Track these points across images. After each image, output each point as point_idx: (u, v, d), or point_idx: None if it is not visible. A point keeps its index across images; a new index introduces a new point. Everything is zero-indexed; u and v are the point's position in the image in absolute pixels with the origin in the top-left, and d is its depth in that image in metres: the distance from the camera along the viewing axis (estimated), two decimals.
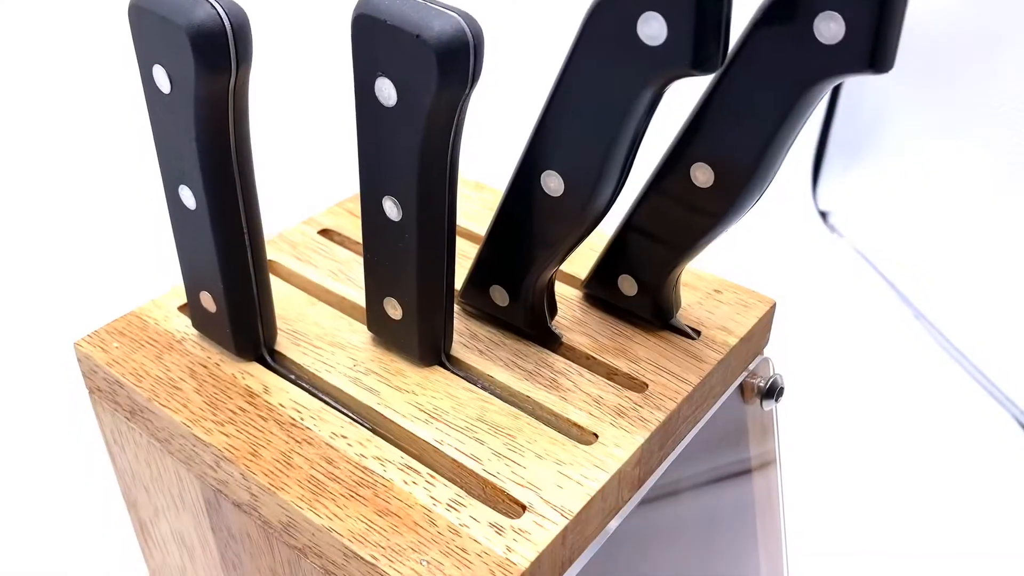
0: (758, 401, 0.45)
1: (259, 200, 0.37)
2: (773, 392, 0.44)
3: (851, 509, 0.77)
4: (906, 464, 0.81)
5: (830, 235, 1.10)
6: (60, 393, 0.75)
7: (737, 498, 0.51)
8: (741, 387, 0.44)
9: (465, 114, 0.32)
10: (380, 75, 0.32)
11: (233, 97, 0.33)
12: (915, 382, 0.90)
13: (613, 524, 0.36)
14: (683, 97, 0.38)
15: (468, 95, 0.31)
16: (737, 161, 0.34)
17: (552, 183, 0.35)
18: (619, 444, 0.36)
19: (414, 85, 0.31)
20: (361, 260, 0.44)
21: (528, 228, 0.37)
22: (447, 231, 0.36)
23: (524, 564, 0.31)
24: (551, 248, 0.37)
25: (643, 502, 0.39)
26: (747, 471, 0.51)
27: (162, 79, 0.33)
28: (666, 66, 0.29)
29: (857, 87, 1.09)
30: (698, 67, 0.29)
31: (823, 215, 1.12)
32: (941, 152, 0.99)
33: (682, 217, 0.37)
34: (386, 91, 0.32)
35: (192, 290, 0.39)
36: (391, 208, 0.35)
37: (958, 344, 0.93)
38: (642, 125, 0.32)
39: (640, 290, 0.41)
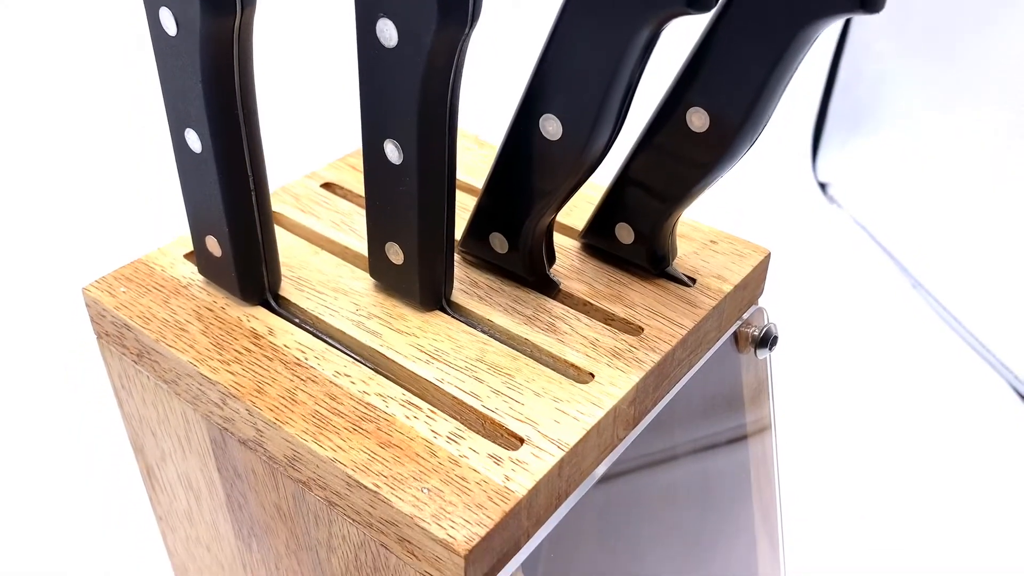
0: (752, 350, 0.45)
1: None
2: (767, 341, 0.45)
3: (847, 476, 0.78)
4: (903, 430, 0.82)
5: (829, 206, 1.10)
6: (67, 345, 0.76)
7: (734, 464, 0.52)
8: (736, 337, 0.45)
9: (465, 55, 0.33)
10: (382, 16, 0.32)
11: (238, 39, 0.33)
12: (913, 350, 0.91)
13: (606, 464, 0.37)
14: (677, 49, 0.39)
15: (468, 35, 0.32)
16: (732, 105, 0.35)
17: (550, 127, 0.36)
18: (615, 383, 0.36)
19: (415, 25, 0.31)
20: (363, 212, 0.45)
21: (527, 173, 0.38)
22: (447, 174, 0.36)
23: (522, 492, 0.32)
24: (549, 194, 0.38)
25: (640, 468, 0.40)
26: (743, 437, 0.51)
27: (168, 21, 0.34)
28: (661, 4, 0.30)
29: (857, 59, 1.09)
30: (693, 5, 0.30)
31: (823, 186, 1.13)
32: (940, 124, 1.00)
33: (678, 164, 0.38)
34: (387, 32, 0.32)
35: (198, 235, 0.40)
36: (392, 151, 0.36)
37: (955, 313, 0.94)
38: (639, 67, 0.33)
39: (637, 238, 0.41)
